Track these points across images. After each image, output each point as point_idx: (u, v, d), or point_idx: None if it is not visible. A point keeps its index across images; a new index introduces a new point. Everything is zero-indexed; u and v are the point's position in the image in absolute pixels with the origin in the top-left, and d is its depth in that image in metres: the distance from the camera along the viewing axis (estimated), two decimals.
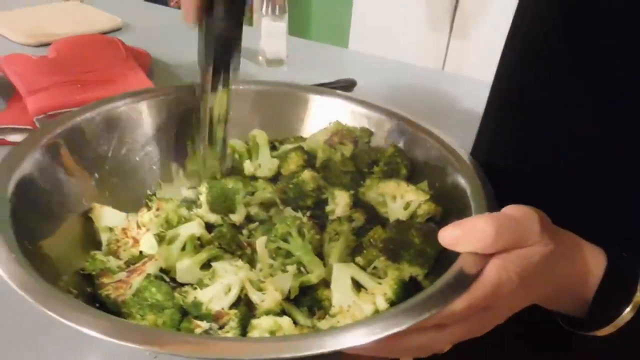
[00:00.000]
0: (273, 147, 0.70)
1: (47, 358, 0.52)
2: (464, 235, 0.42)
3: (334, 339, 0.38)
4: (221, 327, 0.49)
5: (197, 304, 0.49)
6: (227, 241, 0.57)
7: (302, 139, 0.71)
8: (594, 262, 0.45)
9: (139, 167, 0.67)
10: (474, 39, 1.60)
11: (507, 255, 0.41)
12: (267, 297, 0.50)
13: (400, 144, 0.66)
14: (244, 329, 0.48)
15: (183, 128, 0.68)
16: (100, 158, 0.62)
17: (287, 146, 0.69)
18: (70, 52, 1.02)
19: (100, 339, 0.37)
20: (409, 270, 0.51)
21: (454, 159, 0.59)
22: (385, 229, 0.56)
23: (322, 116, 0.71)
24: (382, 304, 0.46)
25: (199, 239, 0.57)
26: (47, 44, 1.10)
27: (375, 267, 0.53)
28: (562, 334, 0.50)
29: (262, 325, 0.47)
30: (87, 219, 0.58)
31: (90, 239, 0.57)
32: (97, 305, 0.50)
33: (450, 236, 0.43)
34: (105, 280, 0.50)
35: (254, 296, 0.51)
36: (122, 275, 0.51)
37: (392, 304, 0.46)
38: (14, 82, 0.90)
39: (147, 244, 0.55)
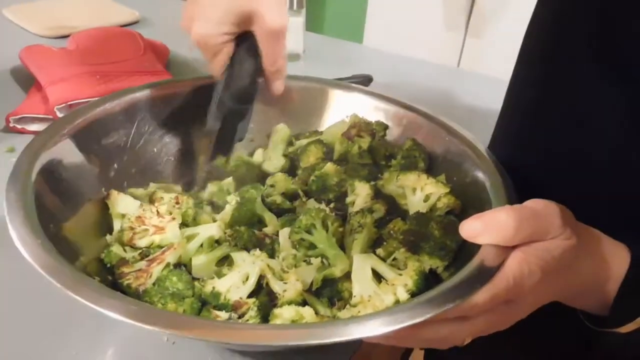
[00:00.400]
0: (289, 143, 0.71)
1: (69, 341, 0.53)
2: (485, 228, 0.42)
3: (358, 327, 0.38)
4: (240, 317, 0.49)
5: (215, 294, 0.50)
6: (243, 242, 0.57)
7: (319, 132, 0.71)
8: (617, 258, 0.44)
9: (157, 157, 0.67)
10: (490, 38, 1.59)
11: (528, 248, 0.41)
12: (289, 287, 0.51)
13: (419, 138, 0.66)
14: (264, 318, 0.49)
15: (200, 119, 0.68)
16: (119, 148, 0.63)
17: (304, 140, 0.70)
18: (89, 44, 1.03)
19: (120, 323, 0.37)
20: (429, 262, 0.51)
21: (473, 153, 0.60)
22: (405, 221, 0.56)
23: (341, 110, 0.72)
24: (403, 295, 0.47)
25: (217, 241, 0.58)
26: (66, 36, 1.12)
27: (395, 259, 0.53)
28: (581, 332, 0.50)
29: (283, 314, 0.48)
30: (105, 207, 0.59)
31: (108, 226, 0.58)
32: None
33: (471, 228, 0.43)
34: (125, 269, 0.51)
35: (276, 285, 0.51)
36: (142, 264, 0.52)
37: (413, 295, 0.47)
38: (34, 73, 0.91)
39: (173, 232, 0.56)
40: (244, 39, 0.61)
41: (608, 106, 0.48)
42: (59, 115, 0.82)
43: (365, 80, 1.06)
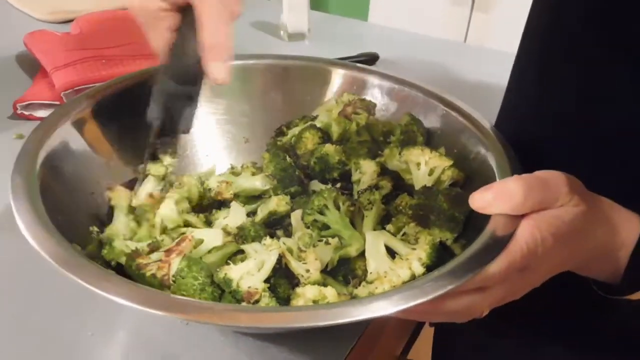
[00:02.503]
0: (280, 133, 0.70)
1: (85, 322, 0.53)
2: (494, 197, 0.43)
3: (380, 303, 0.38)
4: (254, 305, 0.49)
5: (227, 280, 0.49)
6: (250, 241, 0.56)
7: (310, 117, 0.70)
8: (628, 225, 0.45)
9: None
10: (496, 12, 1.57)
11: (538, 215, 0.42)
12: (310, 267, 0.51)
13: (416, 113, 0.65)
14: (284, 300, 0.49)
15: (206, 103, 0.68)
16: (125, 133, 0.62)
17: (296, 129, 0.69)
18: (93, 28, 1.02)
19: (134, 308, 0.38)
20: (440, 235, 0.51)
21: (471, 124, 0.59)
22: (411, 196, 0.56)
23: (341, 90, 0.71)
24: (419, 269, 0.47)
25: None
26: (69, 21, 1.11)
27: (404, 234, 0.54)
28: (593, 301, 0.50)
29: (306, 294, 0.48)
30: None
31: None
32: None
33: (480, 199, 0.43)
34: (142, 261, 0.50)
35: (296, 266, 0.51)
36: (160, 255, 0.51)
37: (428, 268, 0.47)
38: (40, 59, 0.91)
39: (167, 209, 0.56)
40: (189, 11, 0.52)
41: (612, 77, 0.48)
42: (66, 101, 0.82)
43: (371, 59, 1.05)
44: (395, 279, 0.47)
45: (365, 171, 0.61)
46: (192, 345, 0.52)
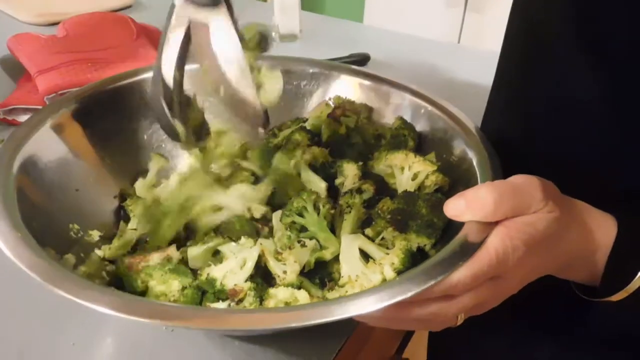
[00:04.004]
0: (272, 135, 0.69)
1: (66, 332, 0.52)
2: (466, 205, 0.43)
3: (341, 308, 0.38)
4: (239, 303, 0.48)
5: (211, 280, 0.49)
6: (235, 233, 0.56)
7: (301, 119, 0.70)
8: (604, 227, 0.45)
9: (147, 145, 0.66)
10: (489, 12, 1.56)
11: (510, 222, 0.42)
12: (289, 269, 0.50)
13: (407, 116, 0.65)
14: (261, 300, 0.48)
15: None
16: (107, 136, 0.62)
17: (287, 130, 0.68)
18: (80, 31, 1.00)
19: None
20: (417, 241, 0.51)
21: (461, 130, 0.59)
22: (393, 200, 0.56)
23: (328, 92, 0.70)
24: (390, 274, 0.47)
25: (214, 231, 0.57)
26: (55, 23, 1.10)
27: (383, 238, 0.53)
28: (574, 304, 0.50)
29: (278, 295, 0.48)
30: (94, 198, 0.58)
31: (97, 218, 0.57)
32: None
33: (453, 207, 0.44)
34: (133, 260, 0.51)
35: (275, 267, 0.50)
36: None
37: (400, 273, 0.47)
38: (23, 62, 0.89)
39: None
40: None
41: (588, 82, 0.48)
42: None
43: (362, 60, 1.04)
44: (366, 283, 0.47)
45: (347, 174, 0.61)
46: (178, 351, 0.51)
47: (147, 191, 0.61)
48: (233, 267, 0.49)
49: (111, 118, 0.62)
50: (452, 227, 0.48)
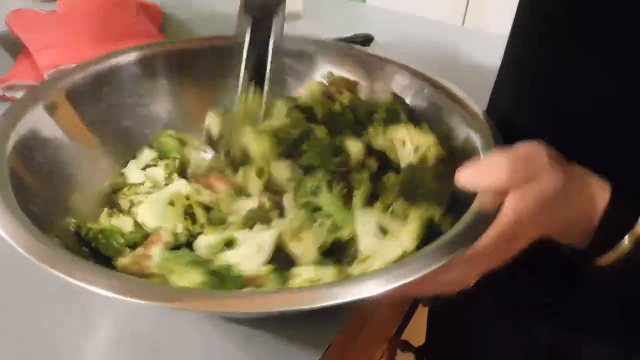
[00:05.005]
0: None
1: (64, 317, 0.52)
2: (482, 172, 0.45)
3: (379, 282, 0.39)
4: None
5: (227, 267, 0.48)
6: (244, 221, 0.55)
7: (292, 98, 0.68)
8: (601, 193, 0.46)
9: (146, 122, 0.65)
10: None
11: (522, 187, 0.43)
12: (309, 248, 0.51)
13: (407, 96, 0.65)
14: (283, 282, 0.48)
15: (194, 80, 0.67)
16: (102, 115, 0.61)
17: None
18: (79, 7, 0.99)
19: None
20: (427, 211, 0.51)
21: (460, 106, 0.60)
22: (398, 173, 0.57)
23: (315, 70, 0.70)
24: (410, 244, 0.47)
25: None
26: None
27: (392, 211, 0.54)
28: (572, 279, 0.53)
29: (302, 274, 0.48)
30: (88, 181, 0.57)
31: (95, 200, 0.57)
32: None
33: (467, 175, 0.45)
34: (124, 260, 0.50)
35: (294, 247, 0.51)
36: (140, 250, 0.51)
37: (419, 242, 0.48)
38: (22, 38, 0.88)
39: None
40: None
41: (599, 57, 0.48)
42: None
43: (365, 40, 1.03)
44: (387, 256, 0.47)
45: (352, 151, 0.61)
46: (180, 334, 0.51)
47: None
48: (250, 252, 0.49)
49: (105, 97, 0.62)
50: (458, 198, 0.50)
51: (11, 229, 0.41)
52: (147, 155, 0.62)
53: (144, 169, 0.61)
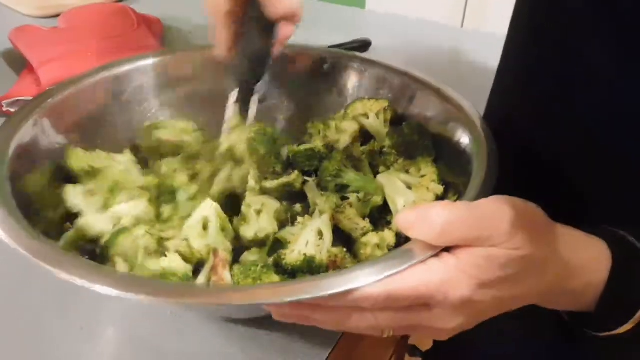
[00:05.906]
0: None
1: (75, 316, 0.53)
2: (415, 222, 0.39)
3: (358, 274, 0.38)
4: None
5: (306, 260, 0.49)
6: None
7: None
8: (596, 265, 0.42)
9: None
10: None
11: (463, 253, 0.38)
12: (360, 221, 0.55)
13: (403, 101, 0.65)
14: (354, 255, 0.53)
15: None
16: (102, 124, 0.62)
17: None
18: (81, 22, 1.01)
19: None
20: (425, 160, 0.58)
21: (459, 113, 0.58)
22: (387, 137, 0.62)
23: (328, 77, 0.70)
24: (438, 188, 0.55)
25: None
26: (57, 15, 1.09)
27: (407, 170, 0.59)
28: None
29: (371, 241, 0.52)
30: None
31: None
32: None
33: (404, 219, 0.40)
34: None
35: (348, 223, 0.55)
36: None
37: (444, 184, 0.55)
38: (26, 54, 0.89)
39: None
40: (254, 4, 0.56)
41: (602, 60, 0.46)
42: None
43: (362, 46, 1.03)
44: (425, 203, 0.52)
45: (345, 129, 0.65)
46: (182, 335, 0.51)
47: None
48: (313, 241, 0.50)
49: (105, 106, 0.63)
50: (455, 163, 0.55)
51: (12, 231, 0.42)
52: None
53: None
